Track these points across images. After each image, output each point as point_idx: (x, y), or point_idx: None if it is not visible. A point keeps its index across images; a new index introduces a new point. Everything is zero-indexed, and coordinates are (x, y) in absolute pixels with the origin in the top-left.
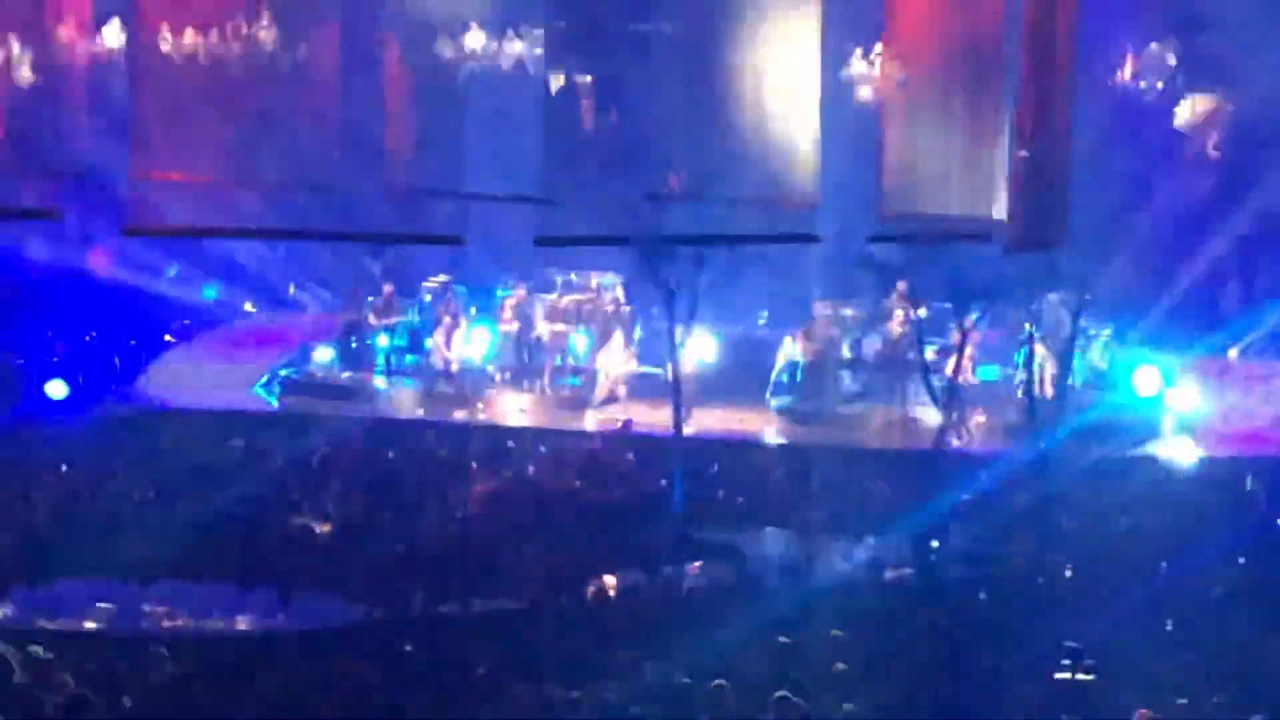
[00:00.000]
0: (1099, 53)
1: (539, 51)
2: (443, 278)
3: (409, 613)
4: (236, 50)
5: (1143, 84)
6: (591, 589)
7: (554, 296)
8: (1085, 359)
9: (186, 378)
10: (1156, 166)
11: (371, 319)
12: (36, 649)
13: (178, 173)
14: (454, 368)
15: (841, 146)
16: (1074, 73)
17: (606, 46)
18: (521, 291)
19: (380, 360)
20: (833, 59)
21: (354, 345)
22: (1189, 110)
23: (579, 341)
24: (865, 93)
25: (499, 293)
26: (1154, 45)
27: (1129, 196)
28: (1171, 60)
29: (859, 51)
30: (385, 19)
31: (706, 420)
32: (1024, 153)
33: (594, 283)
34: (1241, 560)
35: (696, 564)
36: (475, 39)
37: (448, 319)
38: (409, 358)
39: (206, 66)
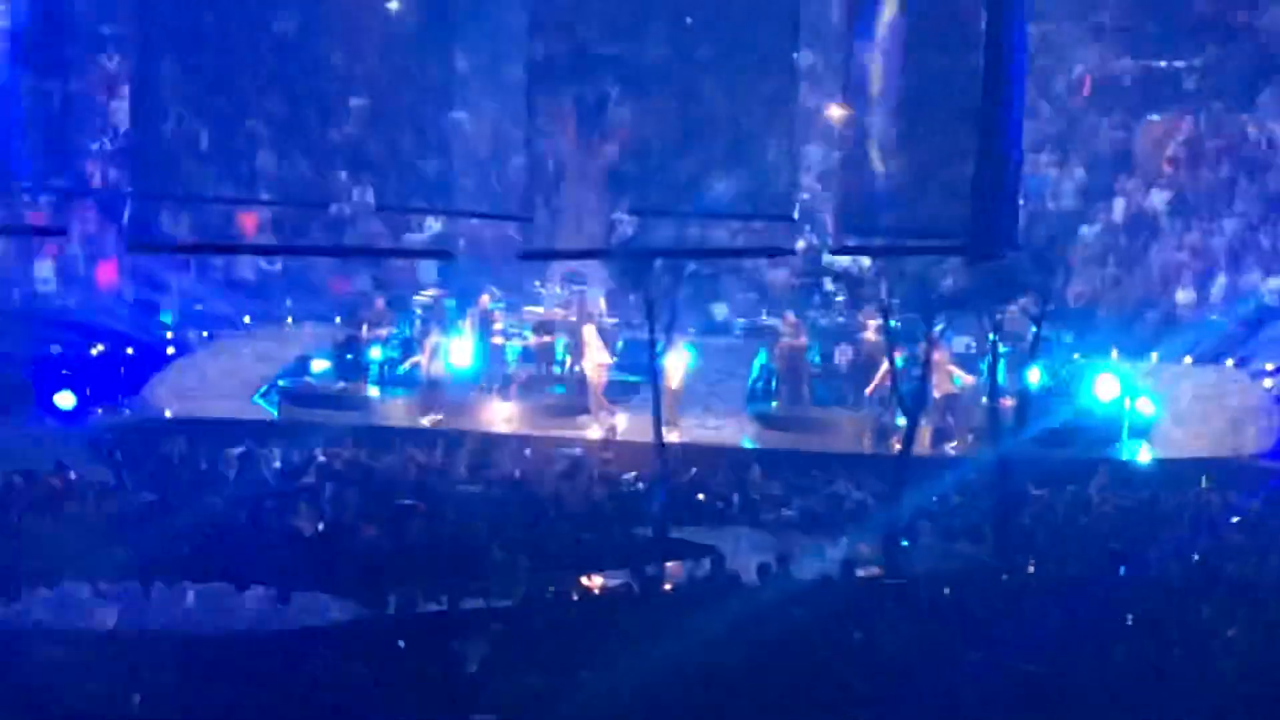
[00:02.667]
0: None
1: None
2: (433, 291)
3: (400, 611)
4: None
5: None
6: (575, 588)
7: (539, 308)
8: (1047, 366)
9: (190, 388)
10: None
11: (365, 332)
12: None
13: (180, 190)
14: (443, 377)
15: (814, 163)
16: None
17: (589, 72)
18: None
19: (373, 371)
20: (805, 76)
21: (349, 357)
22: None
23: (563, 350)
24: (835, 111)
25: (487, 304)
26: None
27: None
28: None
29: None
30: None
31: (689, 426)
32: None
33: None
34: (1195, 558)
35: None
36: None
37: (435, 332)
38: (401, 368)
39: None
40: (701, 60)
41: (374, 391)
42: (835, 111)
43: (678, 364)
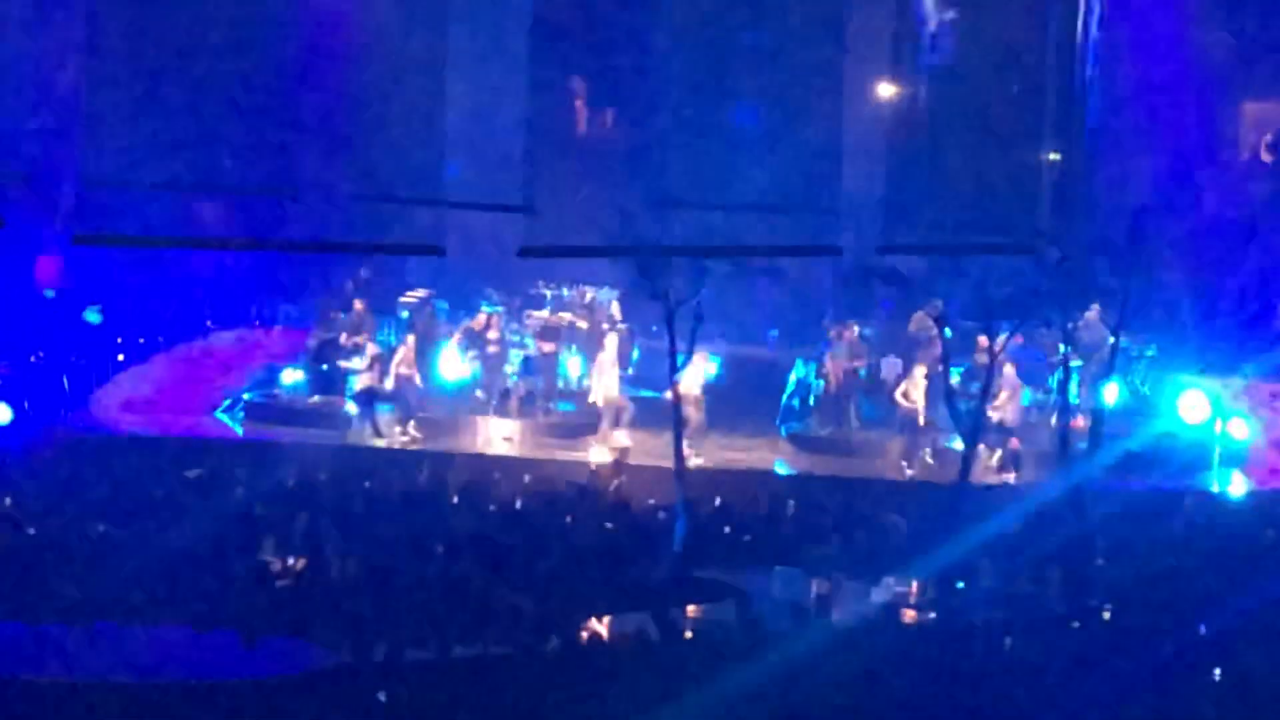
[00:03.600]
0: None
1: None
2: (422, 292)
3: (383, 659)
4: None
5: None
6: (584, 633)
7: (544, 313)
8: (1126, 382)
9: (142, 401)
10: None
11: (343, 338)
12: None
13: (132, 177)
14: (434, 391)
15: (862, 151)
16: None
17: (600, 44)
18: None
19: (353, 383)
20: (853, 60)
21: (324, 367)
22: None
23: (571, 362)
24: (887, 94)
25: (484, 308)
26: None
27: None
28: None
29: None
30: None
31: (710, 449)
32: (1055, 156)
33: (588, 298)
34: None
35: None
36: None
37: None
38: (351, 379)
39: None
40: (730, 29)
41: (352, 407)
42: (886, 89)
43: (697, 376)
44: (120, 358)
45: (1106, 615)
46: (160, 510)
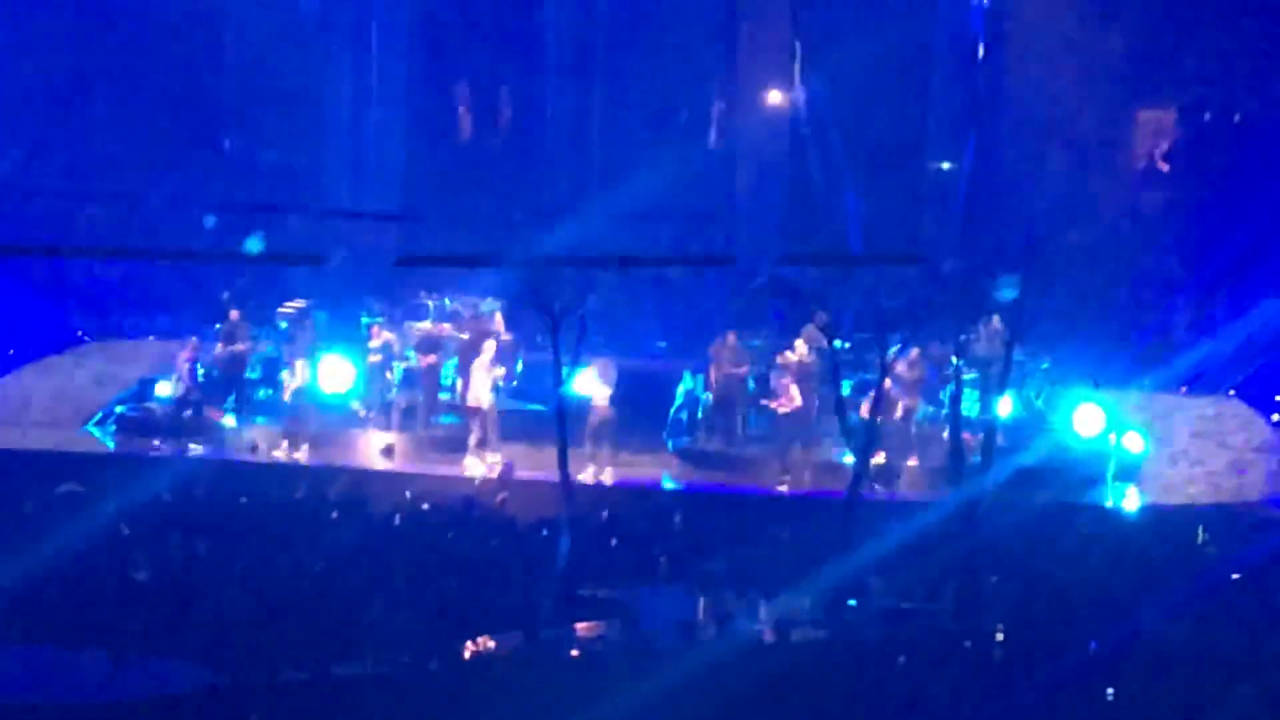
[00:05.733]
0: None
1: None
2: (300, 303)
3: (259, 678)
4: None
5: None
6: (466, 652)
7: (426, 324)
8: (1020, 395)
9: (9, 415)
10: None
11: (218, 348)
12: None
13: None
14: (312, 404)
15: (753, 161)
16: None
17: (483, 52)
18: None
19: (229, 396)
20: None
21: (199, 378)
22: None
23: (454, 374)
24: (779, 106)
25: (363, 319)
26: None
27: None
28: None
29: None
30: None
31: (597, 463)
32: (945, 165)
33: (477, 309)
34: (1192, 622)
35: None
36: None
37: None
38: (261, 392)
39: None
40: (618, 37)
41: (229, 420)
42: (777, 98)
43: (603, 385)
44: None
45: (998, 634)
46: (28, 526)
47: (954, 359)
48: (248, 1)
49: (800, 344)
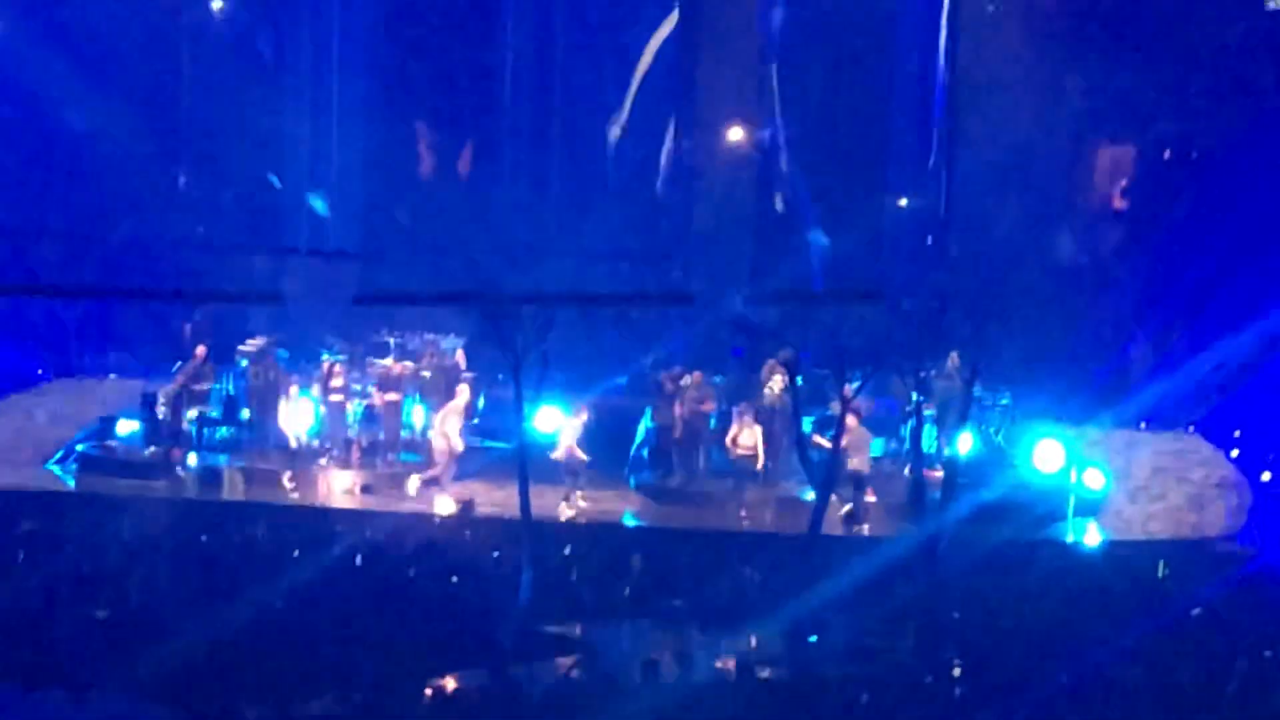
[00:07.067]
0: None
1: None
2: (261, 340)
3: (220, 718)
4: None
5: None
6: (428, 690)
7: (387, 361)
8: (980, 431)
9: None
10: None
11: (178, 380)
12: None
13: None
14: (274, 442)
15: (713, 200)
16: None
17: (444, 90)
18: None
19: (191, 434)
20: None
21: (161, 417)
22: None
23: (415, 412)
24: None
25: (324, 357)
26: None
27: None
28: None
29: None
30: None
31: (556, 499)
32: (903, 202)
33: (437, 347)
34: (1153, 658)
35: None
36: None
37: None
38: (223, 431)
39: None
40: (578, 75)
41: (191, 458)
42: (737, 134)
43: (573, 425)
44: None
45: (958, 670)
46: None
47: (913, 395)
48: (207, 41)
49: (777, 381)
